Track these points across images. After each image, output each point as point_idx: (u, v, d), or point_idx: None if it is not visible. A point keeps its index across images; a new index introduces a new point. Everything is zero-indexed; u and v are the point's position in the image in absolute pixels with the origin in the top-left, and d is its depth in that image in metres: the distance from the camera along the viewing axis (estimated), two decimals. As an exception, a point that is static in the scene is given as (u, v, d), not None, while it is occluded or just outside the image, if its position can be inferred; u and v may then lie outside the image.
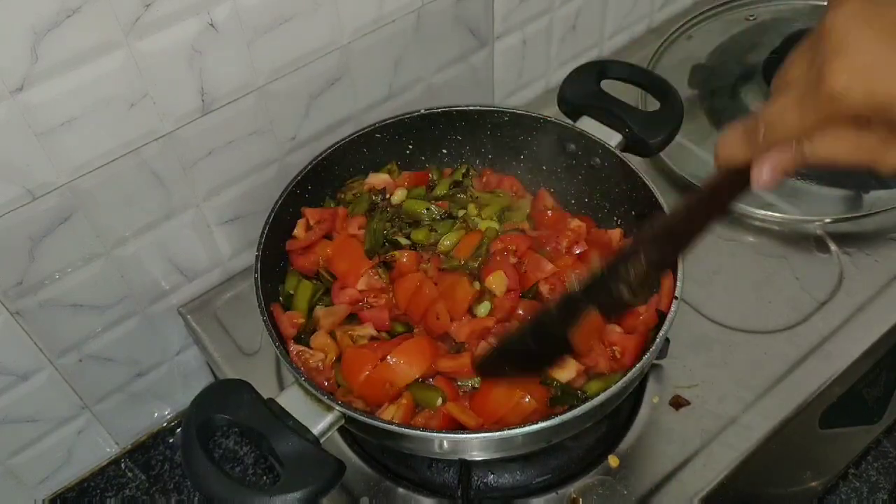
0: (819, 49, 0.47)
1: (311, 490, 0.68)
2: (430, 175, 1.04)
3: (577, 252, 0.94)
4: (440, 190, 1.01)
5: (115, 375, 1.03)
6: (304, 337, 0.88)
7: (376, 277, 0.91)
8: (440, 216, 0.97)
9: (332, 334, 0.87)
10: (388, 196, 1.00)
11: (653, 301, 0.86)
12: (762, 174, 0.55)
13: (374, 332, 0.87)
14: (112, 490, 1.08)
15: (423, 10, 1.02)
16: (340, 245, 0.93)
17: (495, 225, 0.96)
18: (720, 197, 0.62)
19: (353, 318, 0.90)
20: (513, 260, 0.91)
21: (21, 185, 0.79)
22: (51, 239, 0.85)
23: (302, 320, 0.89)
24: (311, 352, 0.85)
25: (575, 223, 0.97)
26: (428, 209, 0.97)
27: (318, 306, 0.91)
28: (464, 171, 1.03)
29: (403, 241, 0.95)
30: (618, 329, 0.86)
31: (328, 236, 0.95)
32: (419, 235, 0.95)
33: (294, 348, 0.85)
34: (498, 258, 0.91)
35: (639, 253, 0.67)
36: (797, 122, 0.50)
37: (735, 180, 0.58)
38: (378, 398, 0.82)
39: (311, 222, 0.95)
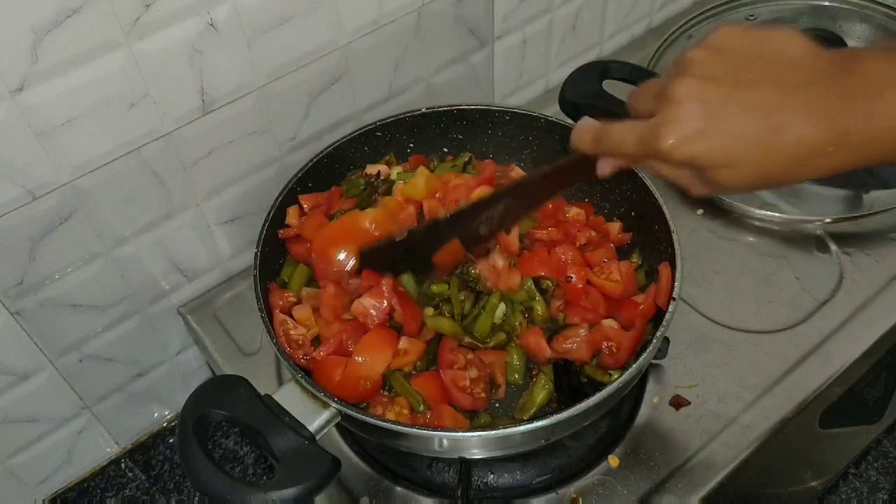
0: (663, 105, 0.59)
1: (306, 486, 0.68)
2: (429, 161, 1.04)
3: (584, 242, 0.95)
4: (439, 173, 1.01)
5: (116, 375, 1.03)
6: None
7: None
8: None
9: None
10: (383, 177, 1.00)
11: (651, 292, 0.87)
12: (604, 169, 0.69)
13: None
14: (112, 490, 1.08)
15: (424, 10, 1.02)
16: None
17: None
18: (572, 173, 0.76)
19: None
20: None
21: (21, 185, 0.79)
22: (51, 239, 0.85)
23: (294, 299, 0.90)
24: (293, 323, 0.86)
25: (574, 211, 0.97)
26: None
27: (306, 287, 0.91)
28: (466, 159, 1.03)
29: None
30: (615, 325, 0.86)
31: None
32: (407, 189, 0.96)
33: (279, 317, 0.86)
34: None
35: (499, 202, 0.81)
36: (632, 151, 0.63)
37: (585, 162, 0.70)
38: (359, 396, 0.82)
39: (307, 207, 0.95)
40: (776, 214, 1.10)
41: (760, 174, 0.58)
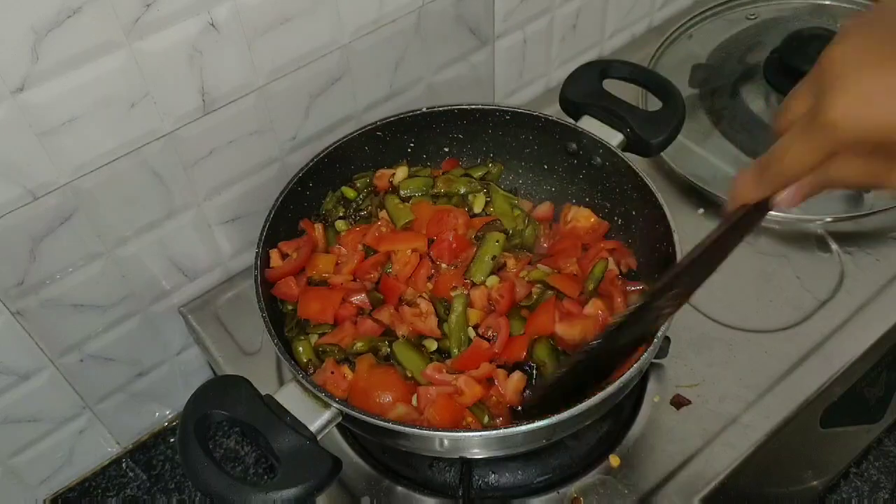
0: (820, 82, 0.49)
1: (307, 486, 0.68)
2: (458, 162, 1.05)
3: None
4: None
5: (117, 375, 1.03)
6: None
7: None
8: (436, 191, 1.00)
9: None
10: (378, 185, 1.01)
11: None
12: (790, 200, 0.57)
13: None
14: (113, 490, 1.08)
15: (424, 10, 1.02)
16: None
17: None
18: (739, 230, 0.66)
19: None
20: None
21: (22, 184, 0.79)
22: (52, 239, 0.85)
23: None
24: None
25: (582, 217, 0.99)
26: (425, 183, 1.00)
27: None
28: (486, 170, 1.04)
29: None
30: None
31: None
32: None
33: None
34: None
35: (673, 287, 0.71)
36: (804, 156, 0.51)
37: (751, 214, 0.62)
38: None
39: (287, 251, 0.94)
40: (777, 214, 1.10)
41: None
